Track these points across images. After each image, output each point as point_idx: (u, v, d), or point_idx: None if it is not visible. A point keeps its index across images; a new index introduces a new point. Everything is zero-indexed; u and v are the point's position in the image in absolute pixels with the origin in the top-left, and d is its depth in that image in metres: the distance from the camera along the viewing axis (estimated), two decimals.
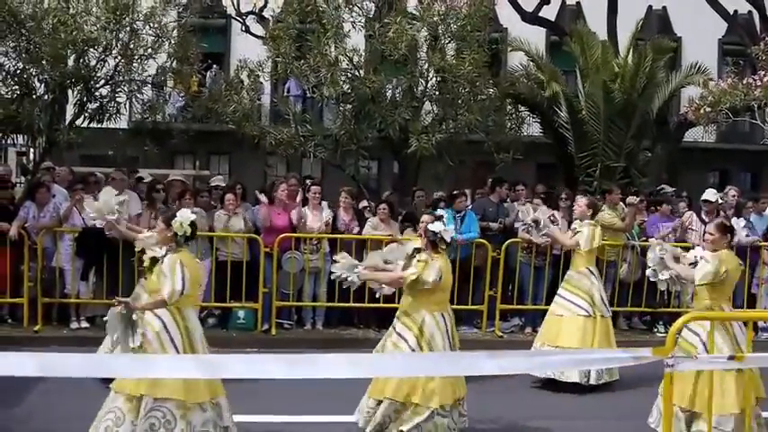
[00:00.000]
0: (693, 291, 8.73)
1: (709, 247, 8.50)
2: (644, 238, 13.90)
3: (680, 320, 6.37)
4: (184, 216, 7.67)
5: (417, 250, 8.38)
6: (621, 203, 13.81)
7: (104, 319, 7.46)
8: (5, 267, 12.34)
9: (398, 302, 13.02)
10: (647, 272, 9.41)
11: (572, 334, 10.40)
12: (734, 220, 8.87)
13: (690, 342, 8.22)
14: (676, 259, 9.06)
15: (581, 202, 11.06)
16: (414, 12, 15.57)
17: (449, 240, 8.32)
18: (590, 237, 10.63)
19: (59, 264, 12.59)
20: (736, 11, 23.40)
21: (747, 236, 9.15)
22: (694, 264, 8.65)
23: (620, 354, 6.27)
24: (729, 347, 7.94)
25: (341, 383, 5.34)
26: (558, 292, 10.87)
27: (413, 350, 7.94)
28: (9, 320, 12.75)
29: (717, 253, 8.37)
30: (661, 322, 14.01)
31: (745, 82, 16.16)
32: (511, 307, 13.70)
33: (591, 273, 10.63)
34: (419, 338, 8.02)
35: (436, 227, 8.24)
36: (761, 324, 13.54)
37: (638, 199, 13.80)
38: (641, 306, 13.89)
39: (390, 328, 8.37)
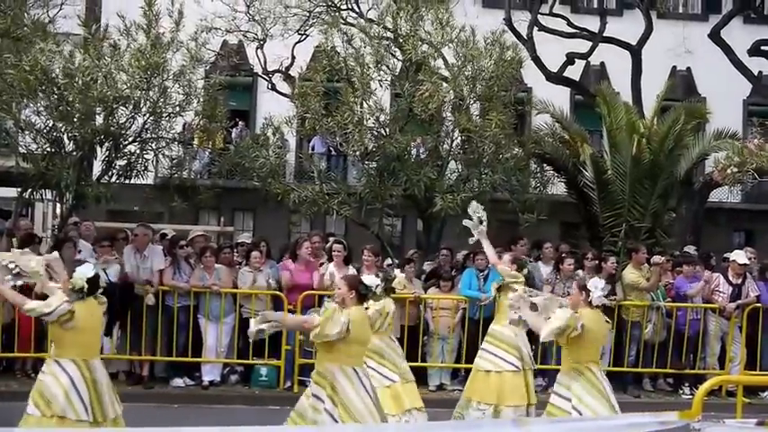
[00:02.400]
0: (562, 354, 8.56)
1: (570, 305, 8.44)
2: (669, 299, 13.84)
3: (707, 383, 6.34)
4: (83, 271, 7.71)
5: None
6: (646, 263, 13.77)
7: None
8: (30, 323, 12.38)
9: (420, 361, 13.13)
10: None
11: (512, 391, 10.11)
12: (593, 280, 8.71)
13: (559, 407, 8.16)
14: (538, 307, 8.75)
15: (506, 258, 10.90)
16: (443, 73, 15.70)
17: (379, 293, 8.16)
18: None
19: None
20: (760, 72, 23.46)
21: (604, 295, 8.77)
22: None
23: (647, 418, 6.22)
24: (604, 409, 7.84)
25: None
26: (483, 346, 10.61)
27: (329, 412, 7.55)
28: (33, 375, 12.72)
29: (578, 314, 8.27)
30: (687, 384, 13.84)
31: None
32: (535, 367, 13.56)
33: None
34: (333, 398, 7.60)
35: (370, 281, 8.08)
36: None
37: (662, 259, 13.74)
38: (666, 367, 13.78)
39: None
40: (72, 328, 7.52)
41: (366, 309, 8.28)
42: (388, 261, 14.58)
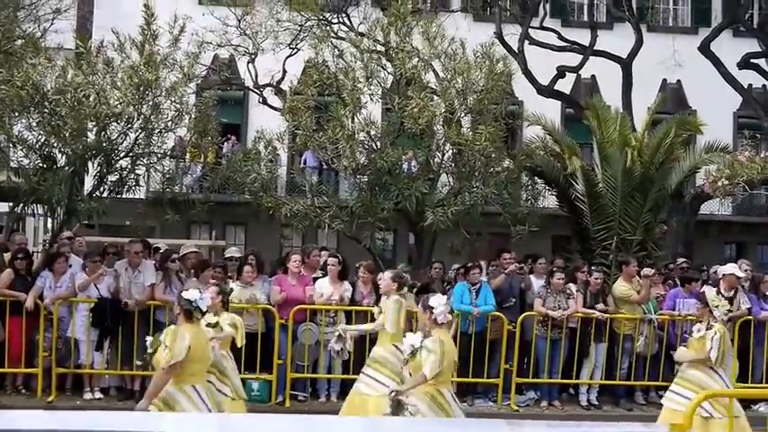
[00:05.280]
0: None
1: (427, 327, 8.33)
2: (660, 312, 13.84)
3: (697, 397, 6.32)
4: None
5: None
6: (637, 276, 13.78)
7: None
8: (20, 337, 12.36)
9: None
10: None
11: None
12: (435, 297, 8.56)
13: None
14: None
15: (386, 276, 10.86)
16: (434, 86, 15.72)
17: (204, 309, 8.03)
18: (395, 316, 10.35)
19: (74, 334, 12.59)
20: (750, 84, 23.57)
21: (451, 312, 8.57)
22: (413, 352, 8.33)
23: (638, 429, 6.22)
24: None
25: None
26: (363, 369, 10.51)
27: None
28: (23, 390, 12.73)
29: (435, 337, 8.21)
30: None
31: (762, 155, 16.23)
32: (526, 380, 13.60)
33: (398, 350, 9.94)
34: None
35: (191, 295, 7.92)
36: None
37: (652, 271, 13.76)
38: (658, 379, 13.75)
39: None
40: None
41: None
42: (380, 275, 14.59)
